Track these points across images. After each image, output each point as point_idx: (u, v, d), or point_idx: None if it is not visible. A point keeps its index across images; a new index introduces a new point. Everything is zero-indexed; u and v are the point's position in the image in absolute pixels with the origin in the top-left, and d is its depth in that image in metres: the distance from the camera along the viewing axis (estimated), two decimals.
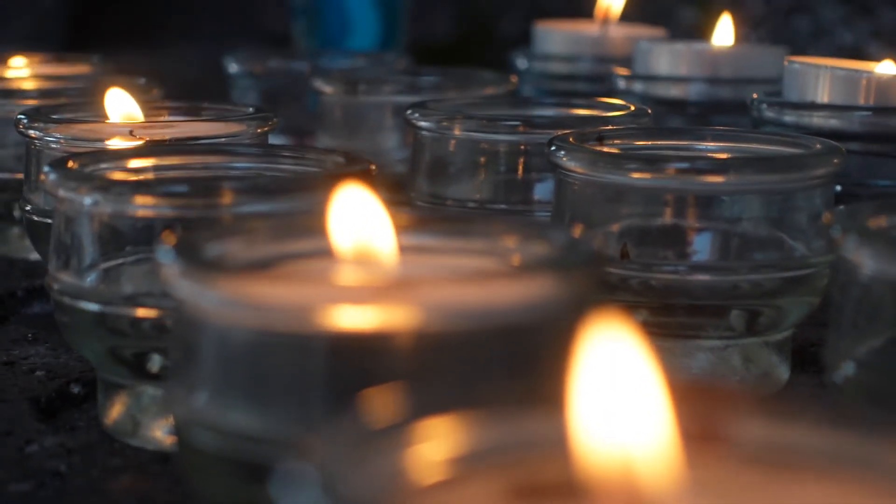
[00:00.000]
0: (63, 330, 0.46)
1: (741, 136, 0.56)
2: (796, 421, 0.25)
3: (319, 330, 0.32)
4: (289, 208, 0.44)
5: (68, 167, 0.46)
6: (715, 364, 0.51)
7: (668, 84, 0.73)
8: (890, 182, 0.64)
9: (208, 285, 0.33)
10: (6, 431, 0.45)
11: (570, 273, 0.34)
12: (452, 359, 0.33)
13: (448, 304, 0.32)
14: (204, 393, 0.34)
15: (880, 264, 0.37)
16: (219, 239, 0.37)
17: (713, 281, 0.49)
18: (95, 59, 0.82)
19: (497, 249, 0.38)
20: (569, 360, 0.34)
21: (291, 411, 0.33)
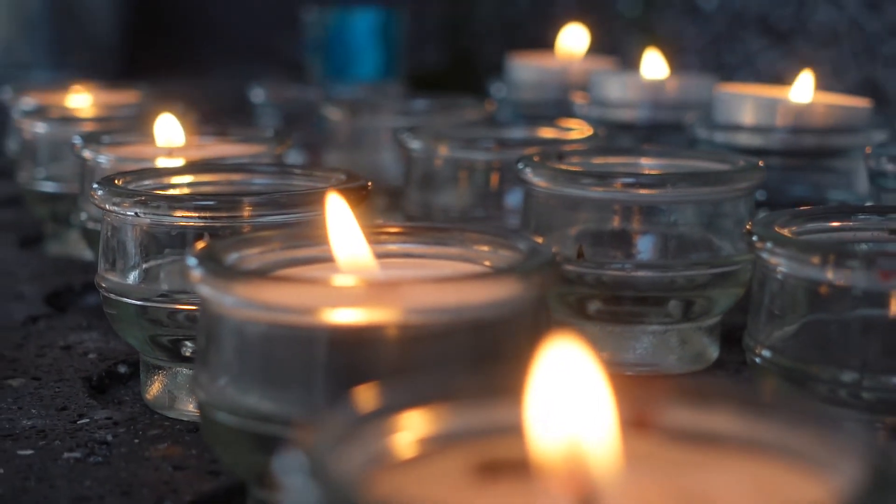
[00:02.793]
0: (110, 320, 0.46)
1: (677, 153, 0.56)
2: (718, 407, 0.24)
3: (318, 325, 0.32)
4: (297, 219, 0.44)
5: (114, 184, 0.45)
6: (656, 345, 0.50)
7: (619, 109, 0.73)
8: (804, 190, 0.63)
9: (226, 289, 0.33)
10: (62, 406, 0.45)
11: (530, 276, 0.33)
12: (430, 349, 0.33)
13: (426, 303, 0.32)
14: (223, 378, 0.34)
15: (791, 266, 0.37)
16: (235, 248, 0.37)
17: (654, 276, 0.49)
18: (143, 87, 0.81)
19: (470, 255, 0.38)
20: (528, 355, 0.34)
21: (296, 393, 0.33)
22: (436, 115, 0.71)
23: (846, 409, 0.37)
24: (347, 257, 0.37)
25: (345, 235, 0.37)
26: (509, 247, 0.37)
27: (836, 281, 0.36)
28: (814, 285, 0.37)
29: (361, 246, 0.37)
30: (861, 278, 0.35)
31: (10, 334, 0.53)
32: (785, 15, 1.16)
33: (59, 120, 0.67)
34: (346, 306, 0.32)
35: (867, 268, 0.35)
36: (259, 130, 0.60)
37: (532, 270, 0.33)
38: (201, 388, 0.35)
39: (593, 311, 0.50)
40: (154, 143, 0.56)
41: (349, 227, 0.37)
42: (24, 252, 0.69)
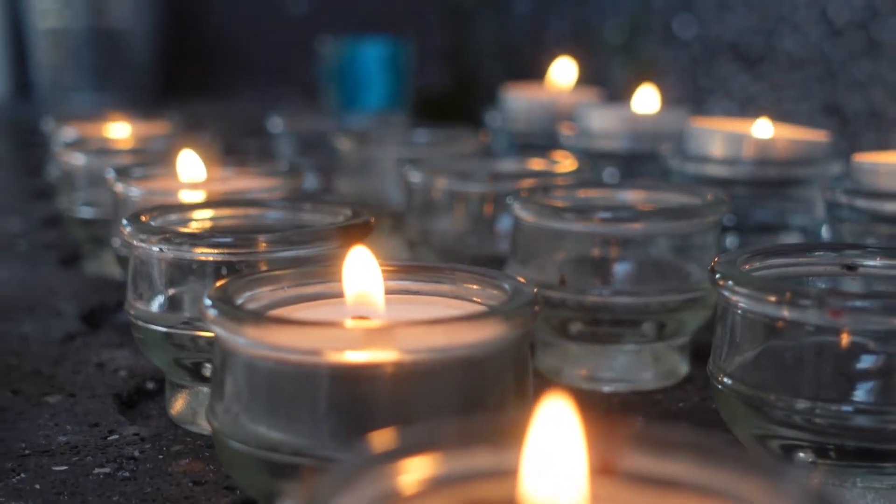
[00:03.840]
0: (138, 343, 0.46)
1: (652, 186, 0.56)
2: (676, 455, 0.24)
3: (321, 364, 0.32)
4: (306, 254, 0.43)
5: (141, 221, 0.45)
6: (632, 363, 0.50)
7: (601, 139, 0.72)
8: (768, 216, 0.63)
9: (237, 330, 0.33)
10: (94, 423, 0.44)
11: (513, 317, 0.33)
12: (423, 384, 0.33)
13: (418, 344, 0.32)
14: (235, 408, 0.34)
15: (750, 303, 0.37)
16: (248, 287, 0.37)
17: (630, 301, 0.49)
18: (173, 117, 0.81)
19: (461, 292, 0.38)
20: (511, 385, 0.34)
21: (301, 424, 0.33)
22: (436, 146, 0.71)
23: (801, 431, 0.37)
24: (352, 296, 0.37)
25: (351, 277, 0.36)
26: (496, 286, 0.37)
27: (790, 317, 0.36)
28: (771, 320, 0.37)
29: (366, 285, 0.37)
30: (813, 316, 0.35)
31: (49, 351, 0.53)
32: (755, 43, 1.16)
33: (95, 151, 0.67)
34: (346, 348, 0.32)
35: (819, 307, 0.35)
36: (276, 164, 0.59)
37: (514, 312, 0.33)
38: (215, 417, 0.34)
39: (575, 332, 0.50)
40: (178, 179, 0.56)
41: (355, 270, 0.37)
42: (63, 271, 0.69)
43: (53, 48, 1.45)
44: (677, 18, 1.28)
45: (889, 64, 1.00)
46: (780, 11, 1.12)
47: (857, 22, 1.01)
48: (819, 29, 1.07)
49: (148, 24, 1.48)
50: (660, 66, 1.32)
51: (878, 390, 0.36)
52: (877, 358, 0.36)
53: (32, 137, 0.88)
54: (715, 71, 1.22)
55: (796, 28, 1.10)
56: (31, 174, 0.96)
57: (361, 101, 1.07)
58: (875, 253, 0.41)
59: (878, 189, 0.53)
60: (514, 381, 0.34)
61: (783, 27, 1.12)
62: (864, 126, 1.04)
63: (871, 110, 1.03)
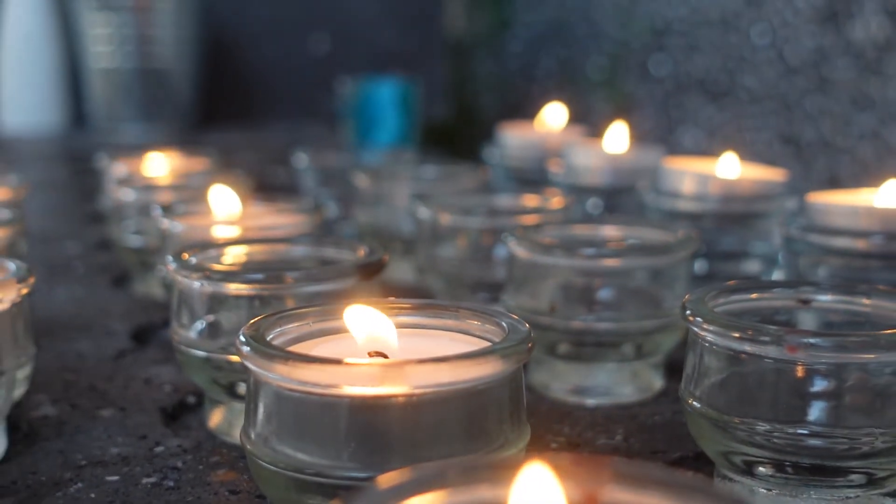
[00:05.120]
0: (181, 365, 0.46)
1: (631, 222, 0.56)
2: (650, 489, 0.24)
3: (340, 397, 0.32)
4: (329, 288, 0.43)
5: (183, 259, 0.45)
6: (612, 379, 0.50)
7: (586, 174, 0.72)
8: (733, 244, 0.63)
9: (267, 367, 0.33)
10: (142, 435, 0.44)
11: (509, 355, 0.33)
12: (429, 414, 0.32)
13: (426, 380, 0.32)
14: (265, 432, 0.34)
15: (716, 337, 0.37)
16: (278, 324, 0.37)
17: (611, 326, 0.49)
18: (211, 154, 0.81)
19: (464, 327, 0.38)
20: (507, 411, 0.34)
21: (323, 448, 0.33)
22: (442, 181, 0.71)
23: (761, 449, 0.37)
24: (368, 333, 0.37)
25: (367, 317, 0.37)
26: (494, 323, 0.37)
27: (752, 351, 0.36)
28: (735, 353, 0.37)
29: (380, 323, 0.37)
30: (772, 350, 0.35)
31: (102, 367, 0.53)
32: (720, 80, 1.16)
33: (142, 188, 0.67)
34: (362, 383, 0.32)
35: (777, 343, 0.35)
36: (301, 201, 0.59)
37: (510, 350, 0.33)
38: (248, 439, 0.34)
39: (562, 352, 0.50)
40: (216, 215, 0.56)
41: (370, 310, 0.37)
42: (115, 291, 0.68)
43: (105, 85, 1.45)
44: (652, 58, 1.28)
45: (837, 99, 1.00)
46: (741, 52, 1.12)
47: (809, 62, 1.01)
48: (776, 68, 1.07)
49: (189, 63, 1.48)
50: (636, 99, 1.32)
51: (828, 415, 0.36)
52: (828, 387, 0.36)
53: (87, 165, 0.88)
54: (685, 104, 1.22)
55: (756, 67, 1.10)
56: (85, 199, 0.96)
57: (375, 136, 1.07)
58: (826, 289, 0.41)
59: (829, 226, 0.53)
60: (510, 407, 0.34)
61: (744, 66, 1.12)
62: (816, 154, 1.04)
63: (822, 140, 1.03)
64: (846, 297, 0.41)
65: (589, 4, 1.42)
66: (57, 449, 0.43)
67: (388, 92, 1.09)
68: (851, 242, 0.51)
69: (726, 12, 1.15)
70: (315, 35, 1.60)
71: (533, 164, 0.80)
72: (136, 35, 1.41)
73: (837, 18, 0.99)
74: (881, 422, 0.36)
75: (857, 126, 0.98)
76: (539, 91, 1.55)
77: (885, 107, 0.94)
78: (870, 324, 0.40)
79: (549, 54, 1.54)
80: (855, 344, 0.35)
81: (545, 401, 0.49)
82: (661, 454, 0.42)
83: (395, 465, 0.32)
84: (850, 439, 0.36)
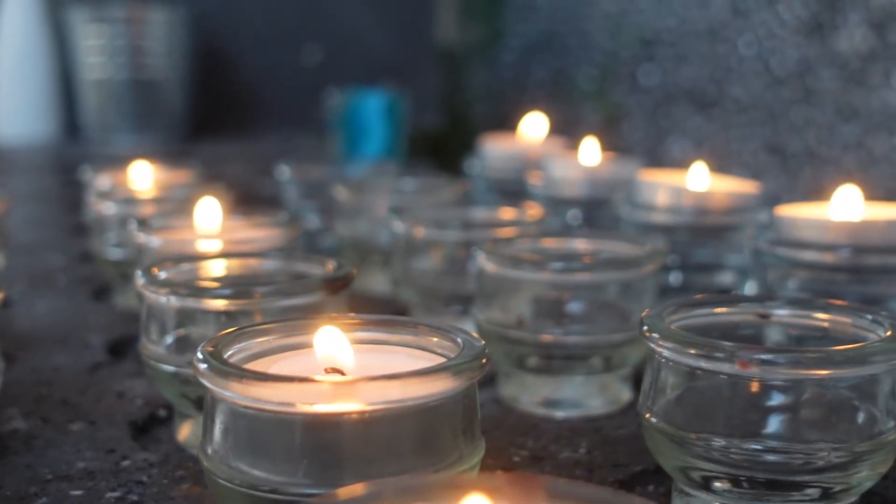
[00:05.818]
0: (150, 379, 0.46)
1: (601, 235, 0.56)
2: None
3: (294, 414, 0.32)
4: (296, 303, 0.44)
5: (152, 274, 0.46)
6: (581, 391, 0.50)
7: (564, 186, 0.73)
8: (706, 255, 0.63)
9: (223, 385, 0.33)
10: (110, 449, 0.44)
11: (462, 372, 0.33)
12: (382, 430, 0.33)
13: (378, 397, 0.32)
14: (221, 449, 0.34)
15: (672, 354, 0.37)
16: (237, 340, 0.37)
17: (580, 339, 0.49)
18: (195, 166, 0.81)
19: (422, 343, 0.38)
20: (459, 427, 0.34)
21: (277, 464, 0.33)
22: (421, 194, 0.71)
23: (718, 465, 0.37)
24: (326, 349, 0.37)
25: (325, 334, 0.37)
26: (451, 339, 0.37)
27: (707, 367, 0.36)
28: (690, 369, 0.37)
29: (339, 340, 0.37)
30: (725, 367, 0.35)
31: (77, 381, 0.53)
32: (707, 90, 1.16)
33: (122, 201, 0.67)
34: (316, 401, 0.32)
35: (730, 360, 0.35)
36: (278, 216, 0.59)
37: (463, 367, 0.34)
38: (205, 456, 0.35)
39: (531, 365, 0.50)
40: (192, 230, 0.56)
41: (330, 328, 0.37)
42: (95, 303, 0.69)
43: (98, 96, 1.46)
44: (641, 69, 1.28)
45: (822, 110, 1.00)
46: (728, 63, 1.13)
47: (794, 73, 1.02)
48: (762, 79, 1.07)
49: (181, 74, 1.49)
50: (626, 109, 1.32)
51: (784, 430, 0.36)
52: (782, 402, 0.36)
53: (75, 176, 0.88)
54: (673, 114, 1.23)
55: (743, 78, 1.10)
56: (71, 211, 0.97)
57: (363, 147, 1.07)
58: (784, 304, 0.42)
59: (797, 239, 0.53)
60: (464, 423, 0.35)
61: (731, 77, 1.12)
62: (802, 164, 1.04)
63: (807, 150, 1.03)
64: (804, 312, 0.41)
65: (580, 15, 1.43)
66: (25, 463, 0.43)
67: (375, 104, 1.09)
68: (819, 256, 0.52)
69: (714, 23, 1.15)
70: (307, 45, 1.60)
71: (514, 175, 0.80)
72: (128, 46, 1.42)
73: (822, 30, 0.99)
74: (835, 436, 0.36)
75: (842, 136, 0.98)
76: (530, 101, 1.55)
77: (869, 117, 0.95)
78: (827, 338, 0.40)
79: (540, 64, 1.54)
80: (808, 360, 0.35)
81: (513, 413, 0.49)
82: (622, 468, 0.42)
83: (349, 482, 0.32)
84: (806, 454, 0.36)
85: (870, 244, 0.51)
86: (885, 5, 0.90)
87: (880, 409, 0.36)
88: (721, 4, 1.13)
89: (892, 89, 0.93)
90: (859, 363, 0.35)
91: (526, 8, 1.57)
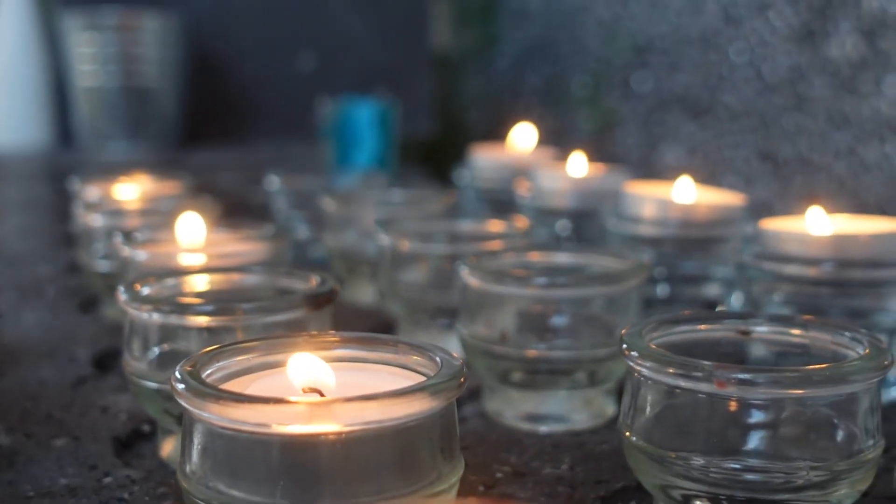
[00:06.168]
0: (134, 395, 0.46)
1: (586, 249, 0.56)
2: None
3: (271, 435, 0.32)
4: (278, 319, 0.44)
5: (134, 290, 0.46)
6: (566, 406, 0.50)
7: (552, 197, 0.73)
8: (692, 267, 0.63)
9: (200, 406, 0.33)
10: (92, 465, 0.44)
11: (440, 392, 0.33)
12: (359, 450, 0.33)
13: (355, 418, 0.32)
14: (200, 469, 0.34)
15: (651, 372, 0.37)
16: (216, 359, 0.37)
17: (564, 353, 0.49)
18: (184, 177, 0.81)
19: (402, 361, 0.38)
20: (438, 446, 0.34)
21: (255, 484, 0.33)
22: (409, 205, 0.71)
23: (697, 483, 0.37)
24: (305, 369, 0.37)
25: (303, 358, 0.37)
26: (430, 358, 0.37)
27: (685, 386, 0.36)
28: (669, 388, 0.37)
29: (317, 361, 0.37)
30: (703, 386, 0.35)
31: (61, 395, 0.53)
32: (700, 97, 1.16)
33: (109, 213, 0.67)
34: (292, 421, 0.32)
35: (707, 379, 0.35)
36: (264, 230, 0.59)
37: (440, 387, 0.34)
38: (184, 476, 0.35)
39: (516, 380, 0.50)
40: (176, 245, 0.56)
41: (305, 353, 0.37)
42: (83, 315, 0.68)
43: (91, 103, 1.46)
44: (635, 75, 1.28)
45: (814, 117, 1.00)
46: (721, 70, 1.13)
47: (786, 80, 1.02)
48: (754, 86, 1.07)
49: (174, 82, 1.49)
50: (619, 116, 1.32)
51: (763, 449, 0.36)
52: (761, 421, 0.36)
53: (66, 185, 0.88)
54: (666, 121, 1.23)
55: (735, 85, 1.10)
56: (60, 220, 0.96)
57: (354, 157, 1.07)
58: (765, 321, 0.42)
59: (782, 253, 0.53)
60: (442, 442, 0.35)
61: (724, 84, 1.12)
62: (794, 171, 1.04)
63: (799, 157, 1.03)
64: (784, 329, 0.41)
65: (573, 22, 1.43)
66: (7, 480, 0.43)
67: (366, 113, 1.09)
68: (802, 270, 0.52)
69: (706, 31, 1.15)
70: (301, 53, 1.60)
71: (503, 185, 0.80)
72: (121, 53, 1.42)
73: (814, 38, 0.99)
74: (814, 455, 0.36)
75: (833, 143, 0.98)
76: (524, 107, 1.55)
77: (861, 124, 0.95)
78: (807, 355, 0.40)
79: (534, 71, 1.54)
80: (786, 379, 0.35)
81: (497, 428, 0.49)
82: (604, 484, 0.42)
83: (327, 502, 0.32)
84: (786, 473, 0.36)
85: (853, 258, 0.51)
86: (875, 13, 0.90)
87: (859, 427, 0.36)
88: (713, 12, 1.13)
89: (883, 97, 0.93)
90: (838, 382, 0.35)
91: (519, 14, 1.57)
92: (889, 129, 0.91)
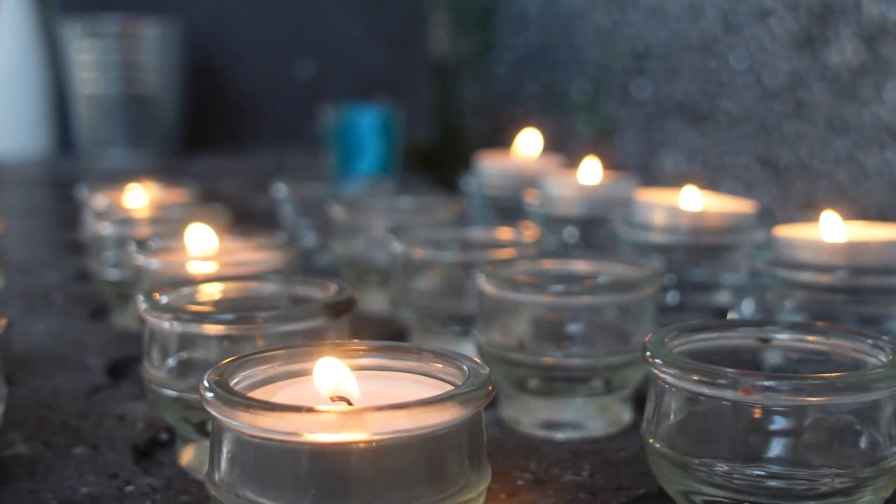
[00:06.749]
0: (153, 403, 0.46)
1: (601, 256, 0.56)
2: None
3: (300, 444, 0.32)
4: (297, 328, 0.44)
5: (153, 299, 0.46)
6: (582, 413, 0.50)
7: (561, 205, 0.73)
8: (703, 274, 0.63)
9: (229, 414, 0.33)
10: (113, 474, 0.44)
11: (468, 401, 0.34)
12: (388, 460, 0.33)
13: (384, 427, 0.32)
14: (228, 475, 0.34)
15: (675, 380, 0.37)
16: (242, 367, 0.37)
17: (581, 361, 0.49)
18: (191, 185, 0.81)
19: (427, 369, 0.38)
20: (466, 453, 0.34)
21: (284, 492, 0.33)
22: (417, 212, 0.72)
23: (721, 489, 0.37)
24: (331, 378, 0.37)
25: (329, 364, 0.37)
26: (456, 366, 0.37)
27: (709, 393, 0.36)
28: (693, 395, 0.37)
29: (343, 369, 0.37)
30: (728, 393, 0.36)
31: (76, 404, 0.53)
32: (700, 103, 1.17)
33: (120, 221, 0.67)
34: (322, 430, 0.32)
35: (733, 386, 0.35)
36: (276, 237, 0.59)
37: (469, 395, 0.34)
38: (212, 484, 0.35)
39: (532, 387, 0.50)
40: (190, 253, 0.56)
41: (332, 358, 0.37)
42: (93, 323, 0.68)
43: (92, 111, 1.46)
44: (634, 82, 1.28)
45: (814, 123, 1.01)
46: (720, 77, 1.13)
47: (786, 86, 1.02)
48: (754, 92, 1.08)
49: (173, 89, 1.49)
50: (618, 122, 1.33)
51: (786, 456, 0.36)
52: (785, 428, 0.36)
53: (70, 192, 0.88)
54: (665, 127, 1.23)
55: (735, 91, 1.11)
56: (67, 228, 0.96)
57: (356, 164, 1.07)
58: (785, 328, 0.42)
59: (795, 260, 0.53)
60: (470, 451, 0.35)
61: (723, 90, 1.13)
62: (794, 177, 1.05)
63: (799, 163, 1.04)
64: (805, 336, 0.41)
65: (572, 29, 1.43)
66: (28, 489, 0.43)
67: (369, 120, 1.09)
68: (816, 277, 0.52)
69: (705, 37, 1.15)
70: (300, 60, 1.60)
71: (510, 193, 0.80)
72: (121, 61, 1.42)
73: (814, 44, 1.00)
74: (838, 462, 0.36)
75: (834, 150, 0.98)
76: (523, 114, 1.56)
77: (861, 131, 0.95)
78: (829, 362, 0.41)
79: (532, 78, 1.55)
80: (810, 387, 0.35)
81: (514, 436, 0.49)
82: (625, 490, 0.43)
83: None
84: (809, 480, 0.36)
85: (866, 265, 0.51)
86: (875, 19, 0.91)
87: (883, 434, 0.37)
88: (713, 18, 1.14)
89: (883, 103, 0.93)
90: (862, 389, 0.35)
91: (518, 21, 1.58)
92: (889, 135, 0.92)
